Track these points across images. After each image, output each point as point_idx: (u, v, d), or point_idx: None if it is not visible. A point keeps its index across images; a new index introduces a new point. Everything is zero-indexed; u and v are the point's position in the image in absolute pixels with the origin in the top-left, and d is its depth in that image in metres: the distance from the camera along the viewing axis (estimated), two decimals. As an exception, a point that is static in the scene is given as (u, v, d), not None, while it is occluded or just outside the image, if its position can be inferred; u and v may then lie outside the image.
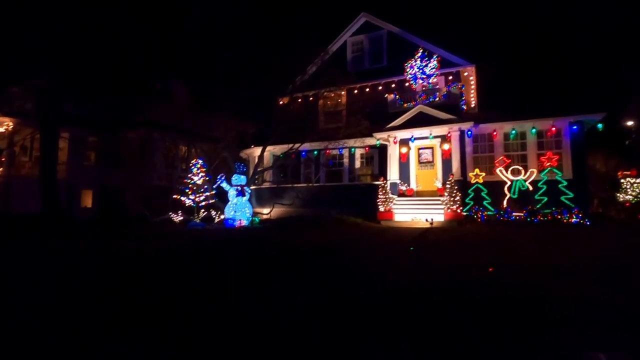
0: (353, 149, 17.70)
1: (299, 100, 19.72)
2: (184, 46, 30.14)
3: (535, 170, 13.23)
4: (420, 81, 15.95)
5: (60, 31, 16.62)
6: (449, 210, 12.81)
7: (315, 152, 18.31)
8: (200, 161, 13.86)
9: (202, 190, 13.66)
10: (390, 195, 14.43)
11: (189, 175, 13.72)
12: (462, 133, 14.66)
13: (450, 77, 17.06)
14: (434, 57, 15.85)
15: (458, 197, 12.87)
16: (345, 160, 18.07)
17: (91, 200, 21.47)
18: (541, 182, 12.99)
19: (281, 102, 20.77)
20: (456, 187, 13.01)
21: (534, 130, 13.81)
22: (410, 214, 13.98)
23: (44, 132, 15.86)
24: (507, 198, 13.32)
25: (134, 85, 23.59)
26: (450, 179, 13.31)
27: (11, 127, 18.16)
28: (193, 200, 13.50)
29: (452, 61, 17.22)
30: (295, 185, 17.70)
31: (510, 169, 13.48)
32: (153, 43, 26.73)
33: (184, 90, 25.15)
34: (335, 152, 18.17)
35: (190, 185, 13.49)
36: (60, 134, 17.91)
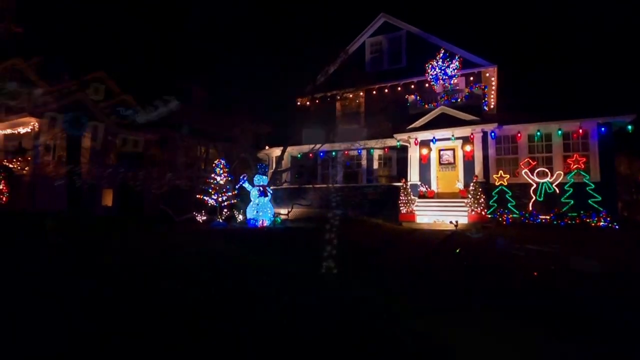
0: (372, 150, 17.63)
1: (317, 101, 19.74)
2: (200, 47, 30.40)
3: (561, 173, 12.99)
4: (442, 82, 15.79)
5: (75, 35, 17.09)
6: (473, 213, 12.66)
7: (334, 153, 18.30)
8: (222, 161, 13.96)
9: (224, 190, 13.75)
10: (412, 197, 14.33)
11: (212, 176, 13.83)
12: (485, 134, 14.49)
13: (472, 78, 16.89)
14: (456, 57, 15.68)
15: (482, 199, 12.73)
16: (364, 161, 18.01)
17: (111, 199, 21.82)
18: (568, 185, 12.75)
19: (299, 103, 20.83)
20: (480, 189, 12.86)
21: (560, 132, 13.56)
22: (432, 215, 13.86)
23: (70, 133, 16.21)
24: (532, 201, 13.11)
25: (152, 87, 23.95)
26: (474, 180, 13.17)
27: (37, 127, 18.56)
28: (216, 200, 13.60)
29: (473, 62, 17.05)
30: (314, 185, 17.70)
31: (536, 171, 13.26)
32: (168, 46, 27.05)
33: (202, 91, 25.41)
34: (353, 153, 18.13)
35: (213, 185, 13.59)
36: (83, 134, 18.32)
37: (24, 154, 19.89)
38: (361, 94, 19.23)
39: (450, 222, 12.47)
